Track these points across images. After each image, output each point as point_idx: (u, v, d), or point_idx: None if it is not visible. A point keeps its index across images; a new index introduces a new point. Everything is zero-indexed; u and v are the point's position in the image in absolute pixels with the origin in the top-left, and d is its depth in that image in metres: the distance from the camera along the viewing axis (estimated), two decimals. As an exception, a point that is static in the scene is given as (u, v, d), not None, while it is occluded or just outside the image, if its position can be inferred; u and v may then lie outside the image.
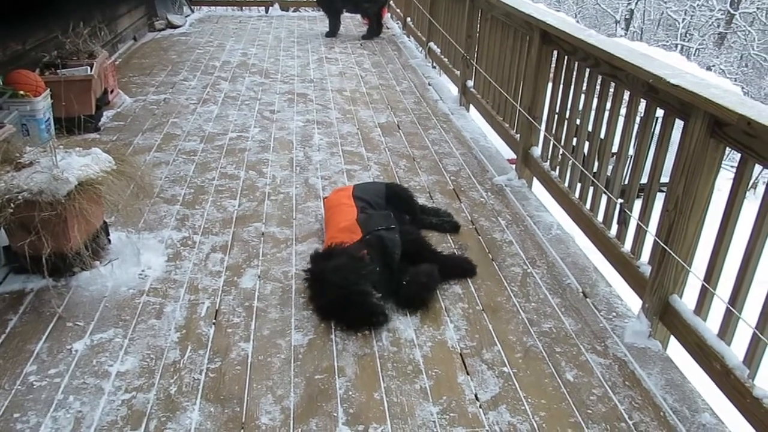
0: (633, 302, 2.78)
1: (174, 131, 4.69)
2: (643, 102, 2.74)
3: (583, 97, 3.32)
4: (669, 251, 2.40)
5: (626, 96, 2.88)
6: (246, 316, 2.61)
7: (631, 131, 2.90)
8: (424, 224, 3.34)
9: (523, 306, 2.74)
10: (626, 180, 2.97)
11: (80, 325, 2.52)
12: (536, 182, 3.93)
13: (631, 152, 3.19)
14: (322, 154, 4.35)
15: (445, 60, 6.26)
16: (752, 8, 23.42)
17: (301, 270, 2.87)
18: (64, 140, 3.03)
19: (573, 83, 3.41)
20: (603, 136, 3.13)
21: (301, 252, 3.09)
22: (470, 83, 5.36)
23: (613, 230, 2.94)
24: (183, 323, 2.56)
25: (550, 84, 3.70)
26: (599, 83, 3.10)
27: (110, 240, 3.03)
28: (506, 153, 4.54)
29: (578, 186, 3.31)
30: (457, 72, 5.68)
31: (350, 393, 2.22)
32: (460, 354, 2.43)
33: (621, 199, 2.86)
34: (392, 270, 2.75)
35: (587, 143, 3.31)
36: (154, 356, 2.36)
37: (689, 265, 2.38)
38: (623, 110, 2.91)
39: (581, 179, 3.28)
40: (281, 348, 2.43)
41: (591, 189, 3.18)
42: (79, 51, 4.78)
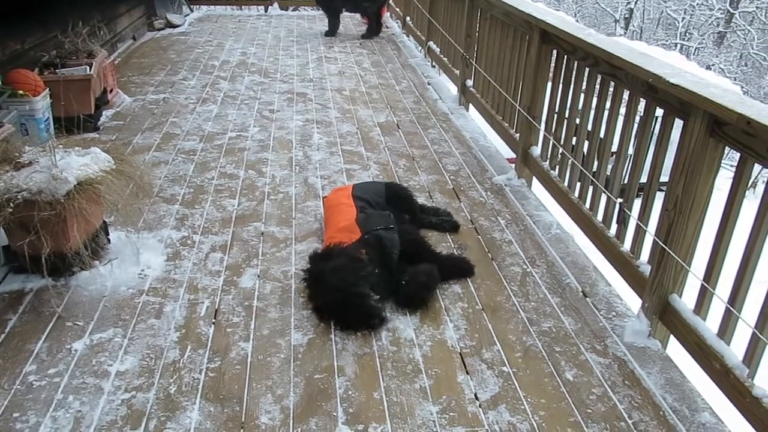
0: (632, 302, 2.77)
1: (173, 131, 4.69)
2: (643, 101, 2.74)
3: (583, 97, 3.32)
4: (668, 251, 2.40)
5: (626, 95, 2.88)
6: (245, 316, 2.61)
7: (631, 130, 2.90)
8: (424, 224, 3.34)
9: (523, 305, 2.74)
10: (626, 179, 2.97)
11: (80, 325, 2.52)
12: (536, 182, 3.93)
13: (631, 151, 3.20)
14: (322, 154, 4.35)
15: (445, 59, 6.25)
16: (752, 7, 23.41)
17: (301, 269, 2.87)
18: (64, 140, 3.03)
19: (572, 82, 3.41)
20: (602, 136, 3.12)
21: (301, 251, 3.09)
22: (470, 82, 5.36)
23: (613, 230, 2.94)
24: (182, 323, 2.56)
25: (550, 83, 3.70)
26: (599, 82, 3.10)
27: (110, 239, 3.02)
28: (506, 152, 4.54)
29: (578, 185, 3.30)
30: (457, 71, 5.68)
31: (350, 392, 2.22)
32: (460, 353, 2.43)
33: (620, 199, 2.85)
34: (391, 270, 2.75)
35: (587, 142, 3.31)
36: (154, 356, 2.36)
37: (689, 265, 2.38)
38: (623, 109, 2.91)
39: (581, 178, 3.28)
40: (281, 347, 2.43)
41: (590, 188, 3.18)
42: (78, 50, 4.78)
